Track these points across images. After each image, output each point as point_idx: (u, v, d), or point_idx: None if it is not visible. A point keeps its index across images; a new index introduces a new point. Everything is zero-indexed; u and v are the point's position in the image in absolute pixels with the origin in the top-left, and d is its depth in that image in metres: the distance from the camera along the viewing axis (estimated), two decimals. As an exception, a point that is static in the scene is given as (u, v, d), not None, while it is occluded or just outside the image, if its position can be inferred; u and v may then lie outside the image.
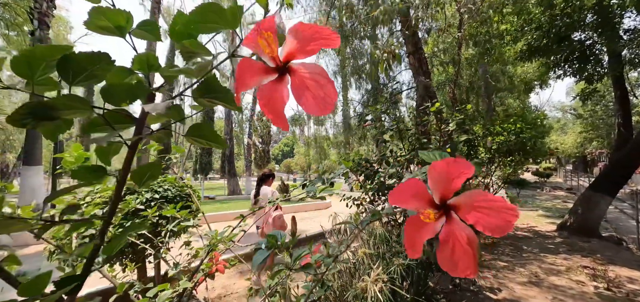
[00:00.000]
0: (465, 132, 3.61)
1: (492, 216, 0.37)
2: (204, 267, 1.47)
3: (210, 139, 0.53)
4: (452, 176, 0.38)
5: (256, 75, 0.34)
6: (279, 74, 0.34)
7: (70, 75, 0.38)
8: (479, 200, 0.38)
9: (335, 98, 0.31)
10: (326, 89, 0.31)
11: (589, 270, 4.26)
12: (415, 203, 0.41)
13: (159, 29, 0.47)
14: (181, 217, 1.46)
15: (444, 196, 0.40)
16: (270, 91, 0.34)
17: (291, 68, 0.33)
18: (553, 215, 8.73)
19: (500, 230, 0.37)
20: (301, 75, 0.32)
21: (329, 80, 0.31)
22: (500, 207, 0.37)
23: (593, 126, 21.88)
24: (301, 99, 0.32)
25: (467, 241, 0.39)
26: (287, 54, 0.33)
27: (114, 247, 0.50)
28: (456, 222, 0.40)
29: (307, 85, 0.32)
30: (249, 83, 0.34)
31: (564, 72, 6.30)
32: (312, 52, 0.31)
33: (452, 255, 0.40)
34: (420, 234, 0.42)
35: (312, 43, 0.31)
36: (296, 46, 0.32)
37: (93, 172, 0.43)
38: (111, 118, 0.42)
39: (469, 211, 0.39)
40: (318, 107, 0.32)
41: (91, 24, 0.38)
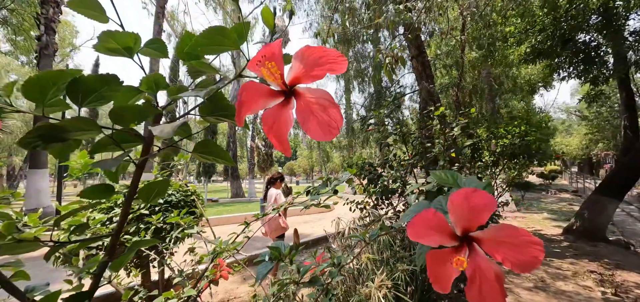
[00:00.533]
0: (470, 136, 3.58)
1: (518, 251, 0.36)
2: (208, 273, 1.48)
3: (218, 156, 0.53)
4: (475, 209, 0.36)
5: (261, 99, 0.34)
6: (284, 97, 0.33)
7: (79, 98, 0.38)
8: (504, 234, 0.37)
9: (340, 123, 0.31)
10: (331, 114, 0.31)
11: (596, 275, 4.20)
12: (436, 238, 0.39)
13: (166, 47, 0.47)
14: (185, 223, 1.47)
15: (466, 229, 0.39)
16: (275, 115, 0.34)
17: (297, 92, 0.33)
18: (559, 218, 8.62)
19: (528, 266, 0.36)
20: (307, 99, 0.32)
21: (335, 105, 0.31)
22: (526, 242, 0.36)
23: (598, 128, 21.63)
24: (306, 124, 0.31)
25: (494, 277, 0.38)
26: (292, 78, 0.33)
27: (121, 264, 0.50)
28: (480, 255, 0.39)
29: (312, 110, 0.32)
30: (253, 107, 0.34)
31: (569, 74, 6.25)
32: (318, 77, 0.31)
33: (480, 292, 0.39)
34: (446, 270, 0.41)
35: (318, 68, 0.31)
36: (302, 71, 0.32)
37: (101, 191, 0.44)
38: (119, 138, 0.42)
39: (496, 246, 0.37)
40: (323, 132, 0.31)
41: (100, 47, 0.39)
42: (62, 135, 0.39)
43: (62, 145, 0.42)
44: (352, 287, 2.65)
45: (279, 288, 1.45)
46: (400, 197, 3.76)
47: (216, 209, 11.53)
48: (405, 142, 3.98)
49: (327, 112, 0.31)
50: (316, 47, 0.31)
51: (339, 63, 0.30)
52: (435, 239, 0.38)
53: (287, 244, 0.73)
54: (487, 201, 0.34)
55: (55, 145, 0.41)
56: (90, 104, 0.40)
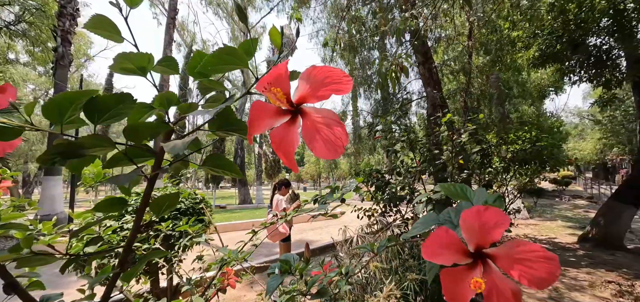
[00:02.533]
0: (478, 142, 3.54)
1: (534, 267, 0.36)
2: (216, 282, 1.48)
3: (227, 169, 0.55)
4: (488, 226, 0.36)
5: (269, 118, 0.35)
6: (291, 116, 0.34)
7: (95, 116, 0.40)
8: (519, 250, 0.36)
9: (345, 142, 0.32)
10: (337, 133, 0.32)
11: (614, 286, 4.04)
12: (449, 256, 0.39)
13: (177, 64, 0.49)
14: (193, 232, 1.48)
15: (479, 246, 0.39)
16: (283, 134, 0.34)
17: (303, 111, 0.34)
18: (574, 226, 8.37)
19: (545, 282, 0.36)
20: (313, 118, 0.33)
21: (340, 124, 0.32)
22: (542, 258, 0.35)
23: (613, 132, 21.02)
24: (312, 143, 0.32)
25: (511, 295, 0.38)
26: (299, 98, 0.33)
27: (132, 276, 0.51)
28: (495, 273, 0.39)
29: (317, 128, 0.32)
30: (262, 126, 0.35)
31: (580, 78, 6.12)
32: (324, 97, 0.32)
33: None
34: (463, 288, 0.40)
35: (324, 88, 0.32)
36: (308, 91, 0.33)
37: (115, 205, 0.45)
38: (132, 153, 0.44)
39: (511, 263, 0.37)
40: (328, 151, 0.32)
41: (116, 67, 0.40)
42: (79, 152, 0.41)
43: (79, 160, 0.44)
44: (360, 297, 2.62)
45: (288, 298, 1.45)
46: (408, 204, 3.72)
47: (224, 216, 11.61)
48: (413, 149, 3.95)
49: (332, 130, 0.32)
50: (322, 67, 0.32)
51: (344, 83, 0.31)
52: (449, 258, 0.38)
53: (297, 256, 0.73)
54: (499, 218, 0.34)
55: (73, 161, 0.43)
56: (105, 122, 0.42)
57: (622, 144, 21.53)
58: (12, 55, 15.86)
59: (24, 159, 25.41)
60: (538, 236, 7.23)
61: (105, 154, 0.44)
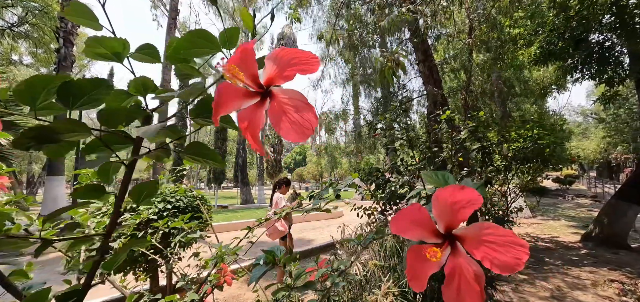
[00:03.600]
0: (479, 139, 3.51)
1: (501, 251, 0.34)
2: (211, 278, 1.48)
3: (208, 158, 0.54)
4: (459, 205, 0.36)
5: (236, 100, 0.34)
6: (260, 98, 0.34)
7: (70, 101, 0.40)
8: (487, 233, 0.36)
9: (314, 124, 0.31)
10: (305, 115, 0.31)
11: (617, 284, 4.00)
12: (418, 232, 0.39)
13: (157, 52, 0.48)
14: (188, 228, 1.49)
15: (449, 226, 0.38)
16: (250, 116, 0.34)
17: (271, 92, 0.33)
18: (577, 225, 8.30)
19: (510, 268, 0.34)
20: (280, 100, 0.32)
21: (309, 106, 0.31)
22: (510, 242, 0.34)
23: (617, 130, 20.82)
24: (278, 125, 0.32)
25: (473, 277, 0.37)
26: (266, 79, 0.33)
27: (113, 263, 0.51)
28: (462, 255, 0.38)
29: (285, 110, 0.32)
30: (228, 107, 0.34)
31: (582, 75, 6.07)
32: (290, 77, 0.31)
33: (458, 292, 0.37)
34: (424, 266, 0.40)
35: (290, 68, 0.31)
36: (275, 71, 0.32)
37: (93, 191, 0.45)
38: (109, 140, 0.43)
39: (476, 245, 0.36)
40: (296, 133, 0.31)
41: (88, 52, 0.40)
42: (54, 137, 0.40)
43: (56, 146, 0.44)
44: (358, 295, 2.61)
45: (283, 294, 1.45)
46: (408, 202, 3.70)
47: (226, 215, 11.64)
48: (413, 147, 3.93)
49: (300, 113, 0.31)
50: (290, 49, 0.31)
51: (312, 64, 0.31)
52: (417, 234, 0.37)
53: (283, 248, 0.72)
54: (472, 196, 0.33)
55: (49, 147, 0.43)
56: (81, 107, 0.41)
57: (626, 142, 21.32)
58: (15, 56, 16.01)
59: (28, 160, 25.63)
60: (541, 235, 7.18)
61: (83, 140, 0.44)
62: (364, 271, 2.70)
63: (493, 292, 3.55)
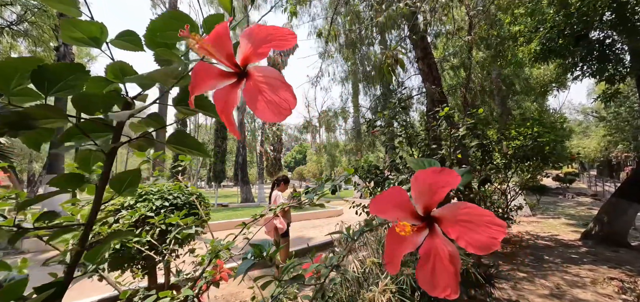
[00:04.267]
0: (477, 136, 3.50)
1: (477, 231, 0.33)
2: (206, 275, 1.47)
3: (193, 148, 0.53)
4: (436, 186, 0.35)
5: (212, 80, 0.33)
6: (236, 78, 0.33)
7: (45, 86, 0.39)
8: (463, 213, 0.35)
9: (292, 104, 0.30)
10: (282, 95, 0.30)
11: (617, 282, 3.99)
12: (397, 214, 0.38)
13: (139, 40, 0.47)
14: (184, 224, 1.48)
15: (427, 207, 0.37)
16: (226, 96, 0.33)
17: (247, 72, 0.32)
18: (577, 223, 8.29)
19: (485, 248, 0.33)
20: (255, 78, 0.31)
21: (286, 85, 0.30)
22: (487, 222, 0.33)
23: (617, 128, 20.77)
24: (253, 104, 0.30)
25: (448, 258, 0.36)
26: (242, 58, 0.32)
27: (96, 255, 0.50)
28: (439, 236, 0.37)
29: (260, 89, 0.31)
30: (203, 86, 0.33)
31: (583, 72, 6.04)
32: (264, 54, 0.30)
33: (433, 273, 0.36)
34: (400, 248, 0.39)
35: (265, 45, 0.30)
36: (250, 49, 0.31)
37: (72, 181, 0.44)
38: (87, 127, 0.42)
39: (452, 224, 0.35)
40: (272, 112, 0.30)
41: (65, 36, 0.39)
42: (29, 123, 0.39)
43: (34, 133, 0.43)
44: (356, 292, 2.60)
45: (279, 291, 1.44)
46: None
47: (225, 214, 11.64)
48: (412, 145, 3.92)
49: (277, 92, 0.30)
50: (266, 26, 0.30)
51: (288, 39, 0.30)
52: (395, 215, 0.36)
53: (271, 241, 0.72)
54: (449, 178, 0.32)
55: (26, 133, 0.42)
56: (58, 93, 0.40)
57: (627, 140, 21.27)
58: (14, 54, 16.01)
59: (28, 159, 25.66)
60: (540, 233, 7.17)
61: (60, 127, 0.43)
62: (362, 268, 2.69)
63: (492, 289, 3.54)
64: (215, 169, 20.66)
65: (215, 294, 3.72)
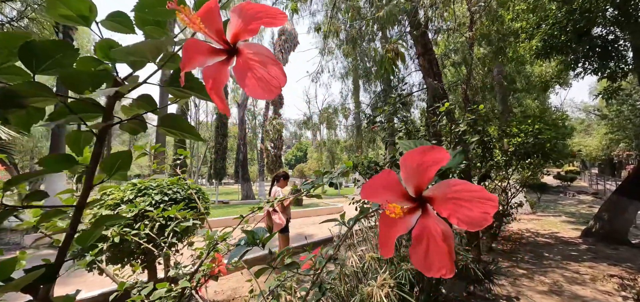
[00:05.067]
0: (478, 132, 3.49)
1: (469, 207, 0.33)
2: (204, 267, 1.48)
3: (184, 131, 0.53)
4: (425, 165, 0.34)
5: (202, 56, 0.32)
6: (226, 55, 0.32)
7: (33, 63, 0.38)
8: (454, 190, 0.34)
9: (282, 81, 0.29)
10: (272, 71, 0.30)
11: (616, 279, 3.99)
12: (387, 196, 0.37)
13: (130, 21, 0.46)
14: (182, 217, 1.48)
15: (417, 187, 0.37)
16: (215, 73, 0.32)
17: (237, 48, 0.32)
18: (577, 221, 8.28)
19: (476, 223, 0.33)
20: (245, 55, 0.31)
21: (276, 62, 0.30)
22: (478, 197, 0.33)
23: (619, 127, 20.67)
24: (243, 81, 0.30)
25: (442, 237, 0.35)
26: (232, 35, 0.31)
27: (87, 239, 0.50)
28: (431, 216, 0.36)
29: (250, 66, 0.30)
30: (194, 63, 0.33)
31: (584, 69, 6.00)
32: (254, 31, 0.30)
33: (427, 253, 0.36)
34: (393, 231, 0.39)
35: (255, 21, 0.30)
36: (240, 25, 0.30)
37: (61, 162, 0.44)
38: (77, 107, 0.42)
39: (443, 202, 0.35)
40: (262, 90, 0.30)
41: (52, 12, 0.38)
42: (17, 101, 0.39)
43: (23, 113, 0.42)
44: (355, 287, 2.60)
45: (258, 274, 1.44)
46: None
47: (226, 211, 11.68)
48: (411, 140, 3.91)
49: (267, 69, 0.30)
50: (256, 3, 0.30)
51: (278, 17, 0.29)
52: (385, 197, 0.35)
53: (265, 229, 0.71)
54: (438, 155, 0.32)
55: (15, 112, 0.41)
56: (47, 71, 0.40)
57: (628, 139, 21.19)
58: (16, 52, 15.99)
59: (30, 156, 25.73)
60: (540, 231, 7.17)
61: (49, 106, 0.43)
62: (360, 263, 2.69)
63: (491, 286, 3.54)
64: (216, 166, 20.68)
65: (214, 289, 3.74)
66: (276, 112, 19.13)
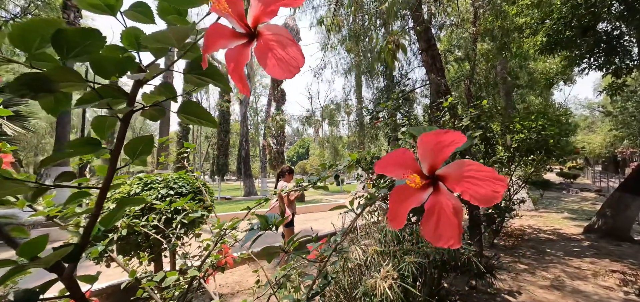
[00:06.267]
0: (481, 128, 3.49)
1: (480, 185, 0.35)
2: (212, 258, 1.51)
3: (202, 117, 0.55)
4: (442, 145, 0.37)
5: (224, 39, 0.35)
6: (247, 38, 0.34)
7: (64, 50, 0.40)
8: (468, 169, 0.36)
9: (301, 62, 0.31)
10: (291, 52, 0.32)
11: (618, 275, 4.00)
12: (402, 172, 0.40)
13: (151, 12, 0.49)
14: (190, 209, 1.51)
15: (432, 166, 0.39)
16: (237, 55, 0.34)
17: (258, 31, 0.34)
18: (580, 217, 8.27)
19: (488, 200, 0.35)
20: (265, 37, 0.33)
21: (295, 43, 0.32)
22: (489, 177, 0.35)
23: (624, 124, 20.51)
24: (264, 61, 0.32)
25: (452, 211, 0.37)
26: (253, 18, 0.33)
27: (110, 220, 0.52)
28: (443, 192, 0.39)
29: (270, 47, 0.32)
30: (216, 45, 0.35)
31: (589, 65, 5.96)
32: (274, 12, 0.32)
33: (437, 225, 0.38)
34: (405, 205, 0.41)
35: (274, 4, 0.32)
36: (260, 8, 0.32)
37: (87, 145, 0.46)
38: (103, 92, 0.44)
39: (457, 180, 0.37)
40: (282, 70, 0.32)
41: (82, 1, 0.41)
42: (48, 86, 0.41)
43: (51, 98, 0.45)
44: (359, 280, 2.64)
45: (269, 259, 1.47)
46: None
47: (228, 206, 11.76)
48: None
49: (286, 50, 0.32)
50: (273, -15, 0.32)
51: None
52: (400, 173, 0.38)
53: (277, 215, 0.74)
54: (455, 137, 0.34)
55: (44, 96, 0.43)
56: (76, 58, 0.42)
57: (633, 136, 21.03)
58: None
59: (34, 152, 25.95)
60: (542, 227, 7.17)
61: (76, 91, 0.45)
62: (364, 256, 2.72)
63: (492, 280, 3.57)
64: (218, 162, 20.77)
65: (219, 282, 3.79)
66: (278, 108, 19.15)
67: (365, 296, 2.32)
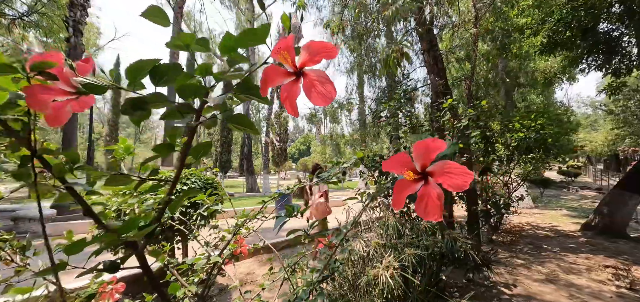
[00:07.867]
0: (479, 127, 3.63)
1: (454, 177, 0.50)
2: (230, 246, 1.66)
3: (247, 126, 0.70)
4: (430, 150, 0.52)
5: (278, 78, 0.49)
6: (295, 76, 0.49)
7: (157, 79, 0.55)
8: (448, 167, 0.51)
9: (334, 94, 0.46)
10: (327, 87, 0.47)
11: (611, 270, 4.14)
12: (403, 169, 0.55)
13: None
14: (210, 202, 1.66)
15: (423, 165, 0.54)
16: (289, 88, 0.49)
17: (304, 72, 0.48)
18: (578, 215, 8.39)
19: (459, 187, 0.50)
20: (310, 77, 0.48)
21: (330, 81, 0.47)
22: (461, 172, 0.50)
23: (625, 122, 20.54)
24: (309, 94, 0.47)
25: (436, 196, 0.53)
26: (301, 63, 0.48)
27: (177, 206, 0.68)
28: (431, 183, 0.54)
29: (314, 84, 0.47)
30: (273, 83, 0.50)
31: (588, 65, 6.07)
32: (318, 61, 0.46)
33: (426, 206, 0.54)
34: (404, 193, 0.56)
35: (318, 55, 0.46)
36: (307, 57, 0.47)
37: (165, 148, 0.61)
38: (181, 108, 0.59)
39: (439, 174, 0.52)
40: (322, 99, 0.47)
41: (171, 44, 0.55)
42: (144, 105, 0.56)
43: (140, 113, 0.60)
44: (362, 270, 2.79)
45: (294, 263, 1.64)
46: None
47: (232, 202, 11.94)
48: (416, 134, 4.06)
49: (324, 86, 0.47)
50: (318, 42, 0.46)
51: (333, 52, 0.46)
52: (401, 170, 0.53)
53: (298, 205, 0.88)
54: (438, 145, 0.49)
55: (138, 114, 0.59)
56: (164, 84, 0.57)
57: (635, 134, 21.04)
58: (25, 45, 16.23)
59: (39, 147, 26.18)
60: (541, 224, 7.30)
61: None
62: (366, 249, 2.88)
63: (489, 273, 3.72)
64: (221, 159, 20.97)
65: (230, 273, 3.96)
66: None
67: (368, 286, 2.48)
